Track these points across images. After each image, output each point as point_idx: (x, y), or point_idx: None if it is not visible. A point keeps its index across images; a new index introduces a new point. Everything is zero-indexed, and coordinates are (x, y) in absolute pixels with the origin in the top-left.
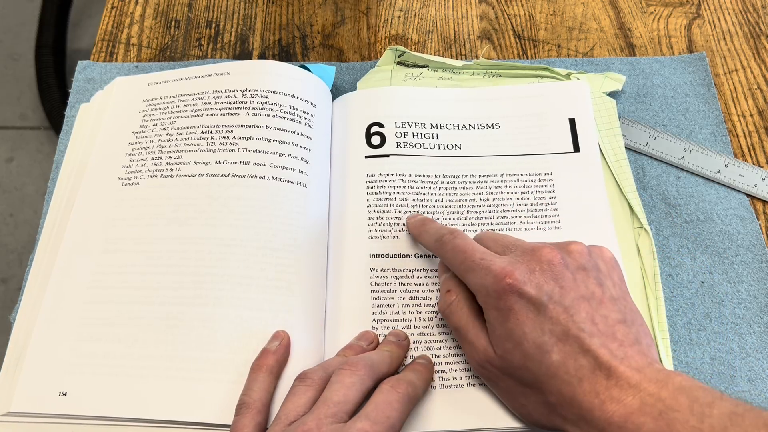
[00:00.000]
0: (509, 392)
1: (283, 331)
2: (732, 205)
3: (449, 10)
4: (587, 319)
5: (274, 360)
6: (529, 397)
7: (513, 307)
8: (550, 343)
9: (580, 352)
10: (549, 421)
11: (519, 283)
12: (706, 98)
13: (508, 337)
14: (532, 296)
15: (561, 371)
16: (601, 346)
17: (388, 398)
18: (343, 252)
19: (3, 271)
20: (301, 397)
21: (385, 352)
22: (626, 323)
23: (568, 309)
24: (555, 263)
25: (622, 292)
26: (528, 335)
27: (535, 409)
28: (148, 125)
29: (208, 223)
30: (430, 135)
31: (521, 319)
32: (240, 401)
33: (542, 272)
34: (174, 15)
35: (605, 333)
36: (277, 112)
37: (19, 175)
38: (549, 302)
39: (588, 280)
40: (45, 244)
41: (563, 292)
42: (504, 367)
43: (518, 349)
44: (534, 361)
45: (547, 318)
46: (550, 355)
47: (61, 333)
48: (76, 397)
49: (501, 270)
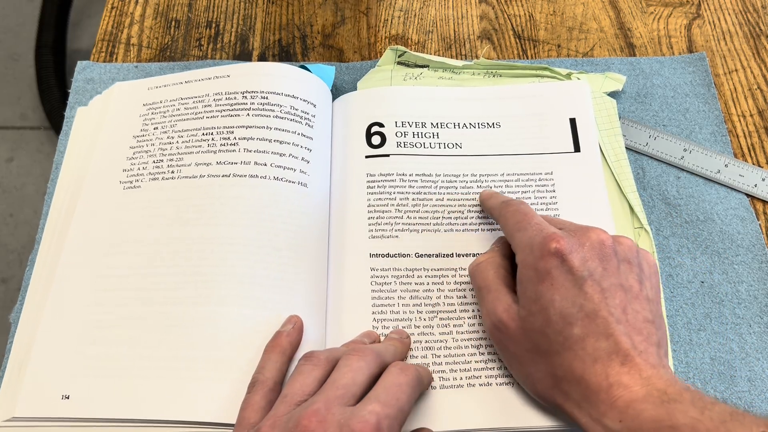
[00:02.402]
0: (518, 359)
1: (296, 315)
2: (732, 205)
3: (449, 10)
4: (619, 306)
5: (288, 342)
6: (538, 366)
7: (551, 271)
8: (576, 317)
9: (603, 335)
10: (551, 395)
11: (565, 251)
12: (706, 98)
13: (536, 299)
14: (574, 266)
15: (578, 347)
16: (624, 334)
17: (398, 380)
18: (344, 251)
19: (3, 271)
20: (307, 377)
21: (390, 346)
22: (654, 324)
23: (605, 291)
24: (605, 245)
25: (657, 297)
26: (556, 302)
27: (540, 380)
28: (148, 129)
29: (209, 223)
30: (431, 134)
31: (555, 285)
32: (253, 379)
33: (591, 249)
34: (174, 15)
35: (633, 325)
36: (277, 112)
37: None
38: (588, 278)
39: (630, 273)
40: (46, 249)
41: (605, 274)
42: (522, 329)
43: (542, 314)
44: (554, 329)
45: (582, 292)
46: (572, 328)
47: (64, 337)
48: (79, 401)
49: (552, 234)
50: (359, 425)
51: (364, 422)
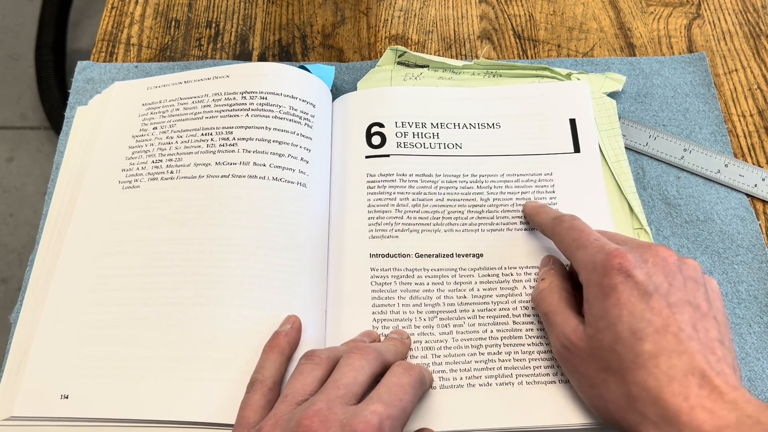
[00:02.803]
0: (589, 380)
1: (294, 315)
2: (732, 205)
3: (449, 10)
4: (689, 323)
5: (286, 342)
6: (610, 387)
7: (617, 286)
8: (646, 332)
9: (675, 352)
10: (625, 419)
11: (630, 266)
12: (706, 98)
13: (603, 316)
14: (640, 281)
15: (651, 364)
16: (698, 352)
17: (401, 380)
18: (344, 252)
19: (3, 271)
20: (308, 376)
21: (390, 345)
22: (725, 346)
23: (672, 306)
24: (669, 262)
25: (724, 320)
26: (624, 318)
27: (613, 402)
28: (148, 129)
29: (208, 223)
30: (431, 135)
31: (622, 300)
32: (252, 379)
33: (655, 264)
34: (174, 15)
35: (705, 344)
36: (276, 113)
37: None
38: (655, 293)
39: (697, 291)
40: (45, 249)
41: (671, 290)
42: (591, 348)
43: (611, 330)
44: (624, 345)
45: (649, 307)
46: (643, 344)
47: (63, 336)
48: (78, 400)
49: (614, 250)
50: (361, 425)
51: (366, 422)
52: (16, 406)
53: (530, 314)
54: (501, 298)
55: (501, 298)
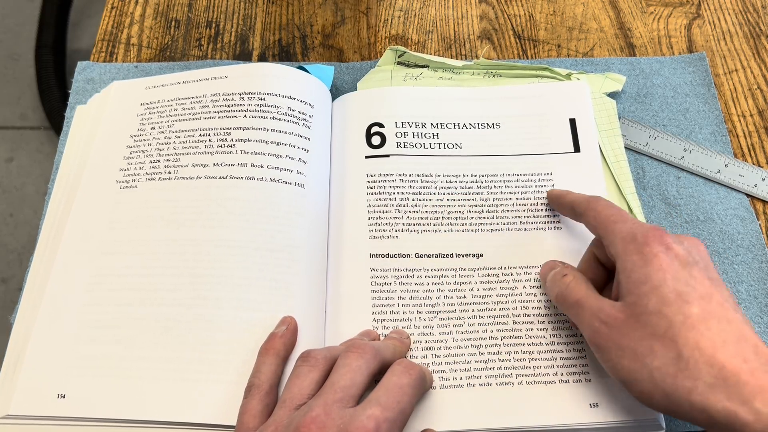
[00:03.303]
0: (631, 351)
1: (290, 316)
2: (732, 205)
3: (449, 10)
4: (730, 299)
5: (281, 343)
6: (657, 353)
7: (659, 254)
8: (692, 296)
9: (724, 318)
10: (675, 384)
11: (670, 240)
12: (706, 98)
13: (645, 280)
14: (680, 253)
15: (702, 326)
16: (745, 323)
17: (401, 381)
18: (344, 252)
19: (3, 271)
20: (305, 379)
21: (389, 343)
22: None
23: (714, 281)
24: (702, 248)
25: None
26: (668, 281)
27: (660, 369)
28: (146, 129)
29: (206, 224)
30: (431, 135)
31: (664, 266)
32: (249, 383)
33: (691, 244)
34: (174, 15)
35: (746, 323)
36: (274, 114)
37: (19, 175)
38: (695, 265)
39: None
40: (43, 247)
41: (708, 268)
42: (634, 314)
43: (655, 293)
44: (672, 307)
45: (691, 276)
46: (690, 306)
47: (60, 335)
48: (74, 400)
49: (654, 227)
50: (358, 430)
51: (362, 427)
52: (12, 405)
53: (530, 314)
54: (501, 298)
55: (501, 298)
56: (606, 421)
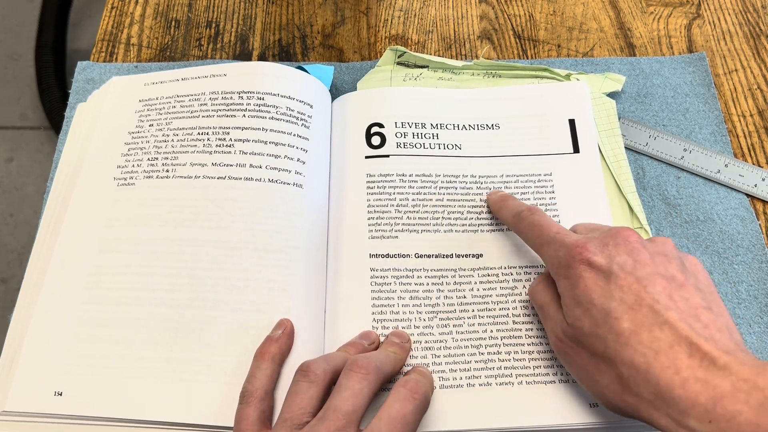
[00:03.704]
0: (584, 368)
1: (286, 318)
2: (732, 205)
3: (449, 10)
4: (663, 293)
5: (277, 348)
6: (603, 372)
7: (582, 275)
8: (619, 310)
9: (655, 324)
10: (623, 401)
11: (590, 254)
12: (706, 98)
13: (576, 304)
14: (602, 265)
15: (633, 340)
16: (680, 320)
17: (404, 410)
18: (344, 252)
19: (3, 271)
20: (304, 397)
21: (391, 354)
22: (712, 312)
23: (641, 280)
24: (631, 240)
25: (710, 289)
26: (595, 301)
27: (608, 387)
28: (144, 125)
29: (204, 225)
30: (430, 135)
31: (590, 286)
32: (243, 389)
33: (615, 246)
34: (174, 15)
35: (685, 312)
36: (273, 114)
37: (19, 175)
38: (620, 271)
39: (669, 264)
40: (41, 244)
41: (637, 265)
42: (575, 336)
43: (587, 316)
44: (603, 327)
45: (617, 286)
46: (620, 322)
47: (57, 333)
48: (71, 398)
49: (574, 242)
50: None
51: None
52: (8, 401)
53: (530, 314)
54: (501, 297)
55: (501, 297)
56: (605, 421)
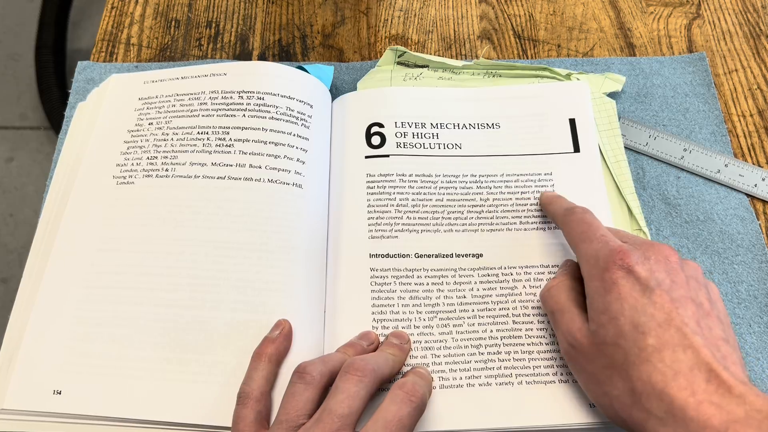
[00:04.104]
0: (594, 378)
1: (284, 319)
2: (732, 205)
3: (449, 10)
4: (692, 318)
5: (274, 348)
6: (615, 383)
7: (618, 281)
8: (649, 326)
9: (680, 346)
10: (630, 415)
11: (632, 262)
12: (706, 98)
13: (605, 310)
14: (641, 277)
15: (655, 358)
16: (704, 346)
17: (400, 412)
18: (344, 252)
19: (3, 271)
20: (300, 399)
21: (389, 356)
22: (729, 344)
23: (675, 301)
24: (671, 260)
25: (728, 321)
26: (626, 311)
27: (618, 398)
28: (143, 124)
29: (203, 225)
30: (430, 135)
31: (623, 294)
32: (240, 390)
33: (657, 262)
34: (174, 15)
35: (709, 339)
36: (273, 114)
37: (19, 175)
38: (657, 288)
39: (699, 290)
40: (39, 242)
41: (674, 286)
42: (595, 344)
43: (613, 324)
44: (628, 339)
45: (651, 301)
46: (646, 338)
47: (56, 331)
48: (70, 397)
49: (618, 246)
50: None
51: None
52: (7, 399)
53: (530, 314)
54: (501, 297)
55: (501, 297)
56: (605, 421)
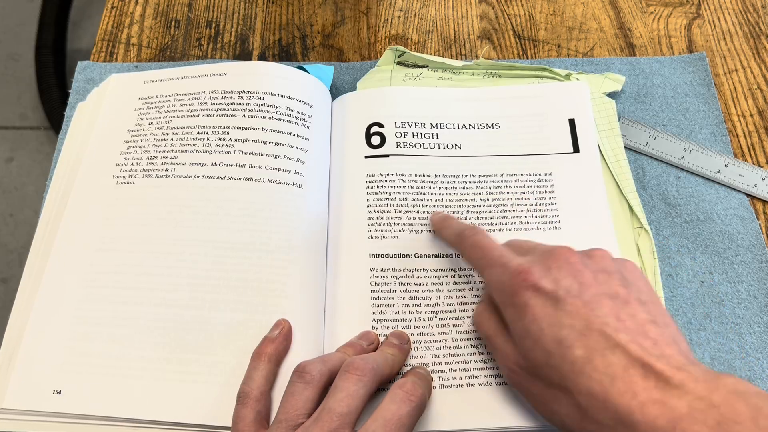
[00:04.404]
0: (541, 398)
1: (284, 319)
2: (732, 205)
3: (449, 10)
4: (611, 314)
5: (273, 348)
6: (560, 401)
7: (528, 302)
8: (570, 338)
9: (607, 348)
10: (583, 429)
11: (535, 278)
12: (706, 98)
13: (526, 335)
14: (549, 290)
15: (588, 368)
16: (630, 341)
17: (400, 411)
18: (343, 252)
19: (3, 271)
20: (299, 398)
21: (389, 356)
22: (658, 324)
23: (589, 303)
24: (572, 261)
25: (652, 299)
26: (545, 330)
27: (567, 416)
28: (143, 124)
29: (203, 225)
30: (430, 135)
31: (537, 314)
32: (240, 390)
33: (559, 269)
34: (174, 15)
35: (634, 330)
36: (273, 114)
37: (19, 175)
38: (567, 296)
39: (611, 281)
40: (39, 242)
41: (582, 288)
42: (529, 368)
43: (538, 347)
44: (556, 357)
45: (565, 312)
46: (573, 350)
47: (56, 331)
48: (70, 396)
49: (518, 266)
50: None
51: None
52: (6, 399)
53: None
54: None
55: None
56: None
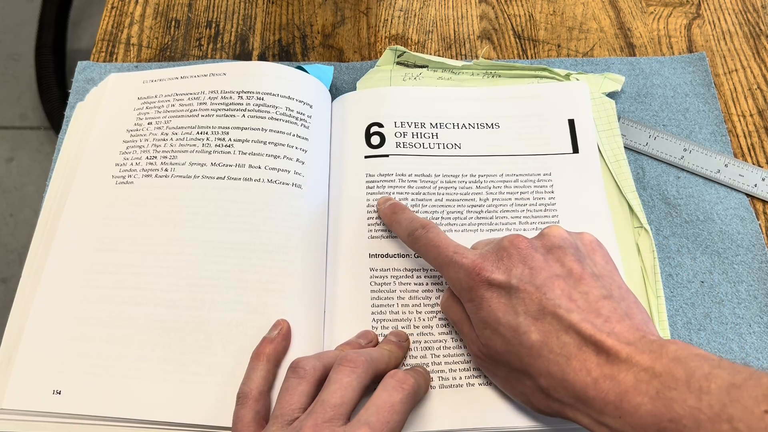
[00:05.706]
0: (507, 381)
1: (283, 319)
2: (732, 205)
3: (449, 10)
4: (563, 296)
5: (272, 349)
6: (524, 383)
7: (484, 296)
8: (525, 324)
9: (561, 329)
10: (549, 407)
11: (488, 273)
12: (706, 98)
13: (485, 325)
14: (501, 282)
15: (545, 351)
16: (582, 320)
17: (392, 399)
18: (343, 252)
19: (3, 271)
20: (294, 393)
21: (385, 350)
22: (612, 299)
23: (540, 288)
24: (521, 247)
25: (608, 271)
26: (502, 320)
27: (533, 395)
28: (143, 123)
29: (203, 225)
30: (430, 135)
31: (493, 306)
32: (239, 391)
33: (509, 257)
34: (174, 15)
35: (586, 309)
36: (272, 114)
37: (19, 175)
38: (519, 284)
39: (564, 258)
40: (38, 242)
41: (533, 273)
42: (491, 355)
43: (497, 336)
44: (514, 344)
45: (519, 299)
46: (529, 336)
47: (55, 331)
48: (70, 396)
49: (471, 263)
50: None
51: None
52: (6, 399)
53: None
54: None
55: None
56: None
